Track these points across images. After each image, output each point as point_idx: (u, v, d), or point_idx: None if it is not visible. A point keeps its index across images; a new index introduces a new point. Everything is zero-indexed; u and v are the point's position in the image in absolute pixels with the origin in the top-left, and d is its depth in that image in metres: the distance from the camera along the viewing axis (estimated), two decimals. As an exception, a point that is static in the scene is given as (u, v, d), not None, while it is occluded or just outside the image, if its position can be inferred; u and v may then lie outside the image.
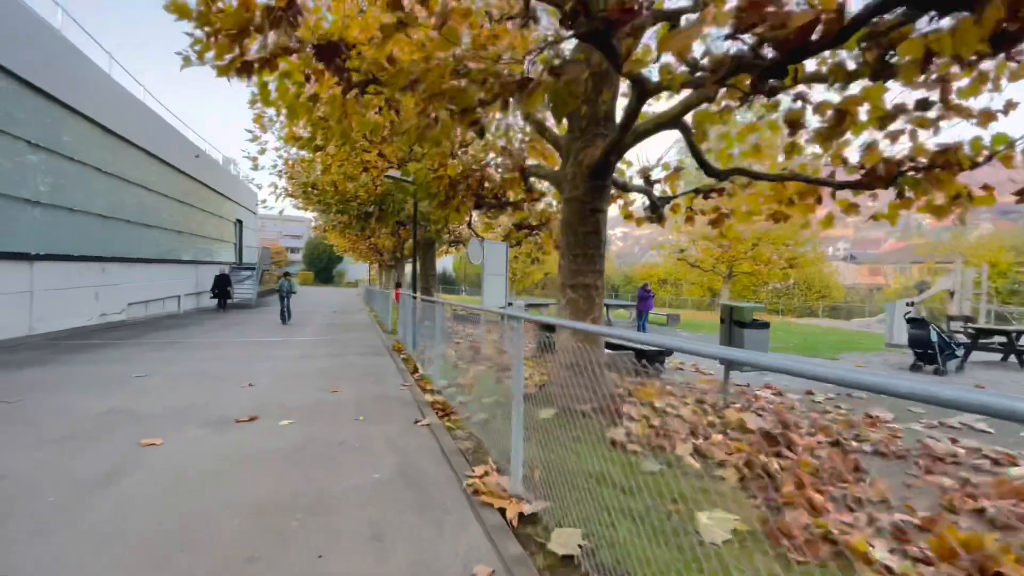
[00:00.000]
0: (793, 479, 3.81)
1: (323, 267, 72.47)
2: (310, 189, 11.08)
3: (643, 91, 4.03)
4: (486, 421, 4.71)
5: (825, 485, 3.92)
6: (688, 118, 4.98)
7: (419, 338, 9.32)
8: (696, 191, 7.53)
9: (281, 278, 15.19)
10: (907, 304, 15.30)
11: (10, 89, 10.01)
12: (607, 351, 8.80)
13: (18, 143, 10.25)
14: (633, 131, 4.70)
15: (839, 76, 3.66)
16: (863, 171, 5.22)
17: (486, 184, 8.16)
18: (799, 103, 4.08)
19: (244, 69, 5.76)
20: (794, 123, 3.84)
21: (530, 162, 7.64)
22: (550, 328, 10.23)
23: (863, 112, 3.95)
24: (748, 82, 3.14)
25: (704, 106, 4.85)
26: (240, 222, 28.70)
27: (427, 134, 5.92)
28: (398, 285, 13.86)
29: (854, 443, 5.27)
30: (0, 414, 4.79)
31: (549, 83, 2.83)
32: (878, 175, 4.99)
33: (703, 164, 5.41)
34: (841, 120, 3.66)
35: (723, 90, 4.54)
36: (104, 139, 13.49)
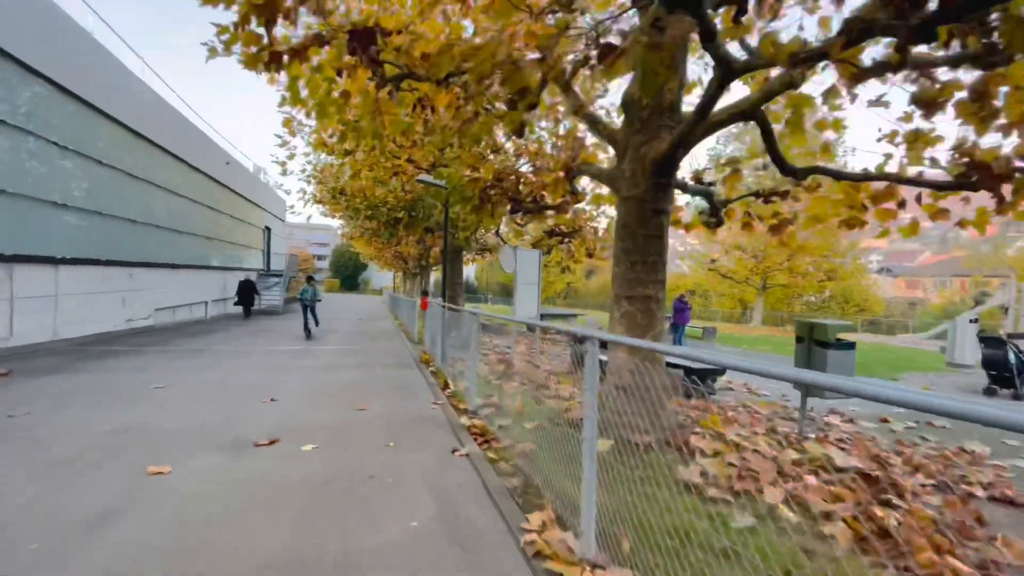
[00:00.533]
0: (920, 537, 3.10)
1: (349, 274, 73.13)
2: (339, 194, 10.73)
3: (727, 72, 3.42)
4: (533, 453, 4.11)
5: (954, 545, 3.20)
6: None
7: (447, 349, 8.79)
8: (756, 194, 6.84)
9: (304, 284, 13.43)
10: (970, 321, 14.16)
11: (42, 93, 9.94)
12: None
13: (50, 147, 10.17)
14: (706, 122, 4.08)
15: (975, 44, 2.99)
16: (971, 168, 4.48)
17: (522, 187, 7.63)
18: (919, 83, 3.41)
19: (273, 60, 5.37)
20: (930, 103, 3.17)
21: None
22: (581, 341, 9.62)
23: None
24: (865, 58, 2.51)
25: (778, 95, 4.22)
26: (268, 229, 28.87)
27: (466, 129, 5.42)
28: (424, 293, 13.40)
29: (964, 486, 4.50)
30: (1, 431, 4.39)
31: (640, 46, 2.25)
32: (993, 174, 4.26)
33: (779, 161, 4.75)
34: (982, 98, 2.99)
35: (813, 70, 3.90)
36: (135, 143, 13.46)
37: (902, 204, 5.82)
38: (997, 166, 4.24)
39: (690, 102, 5.38)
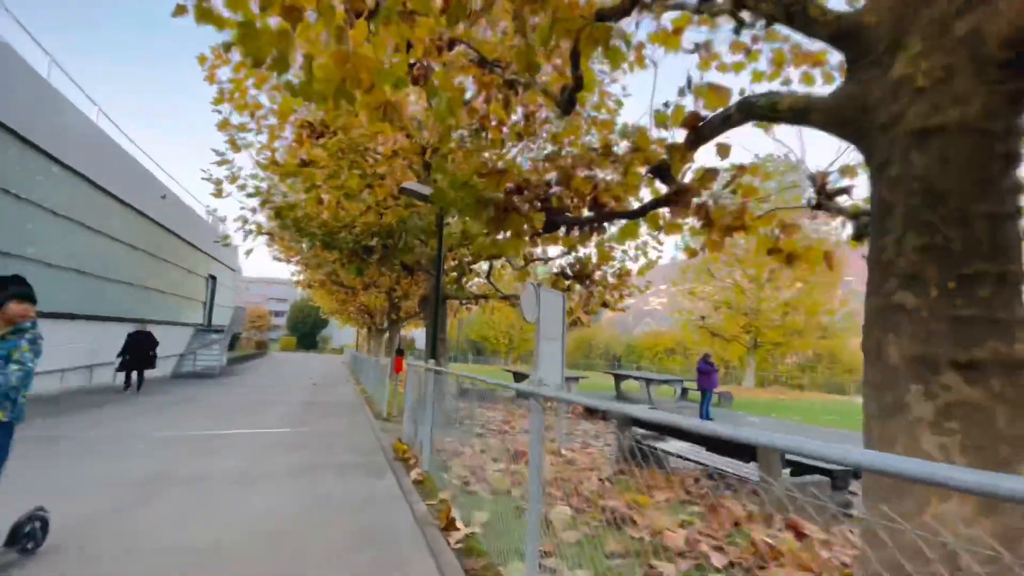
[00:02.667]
0: None
1: (307, 331, 68.18)
2: (287, 215, 7.90)
3: None
4: None
5: None
6: None
7: (437, 435, 5.75)
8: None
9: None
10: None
11: None
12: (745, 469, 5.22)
13: None
14: None
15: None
16: None
17: (559, 193, 4.99)
18: None
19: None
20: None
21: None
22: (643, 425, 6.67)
23: None
24: None
25: None
26: (214, 278, 25.25)
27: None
28: (400, 352, 10.29)
29: None
30: None
31: None
32: None
33: None
34: None
35: None
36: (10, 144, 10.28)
37: None
38: None
39: None
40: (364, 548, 3.42)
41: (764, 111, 2.59)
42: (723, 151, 4.09)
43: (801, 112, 2.45)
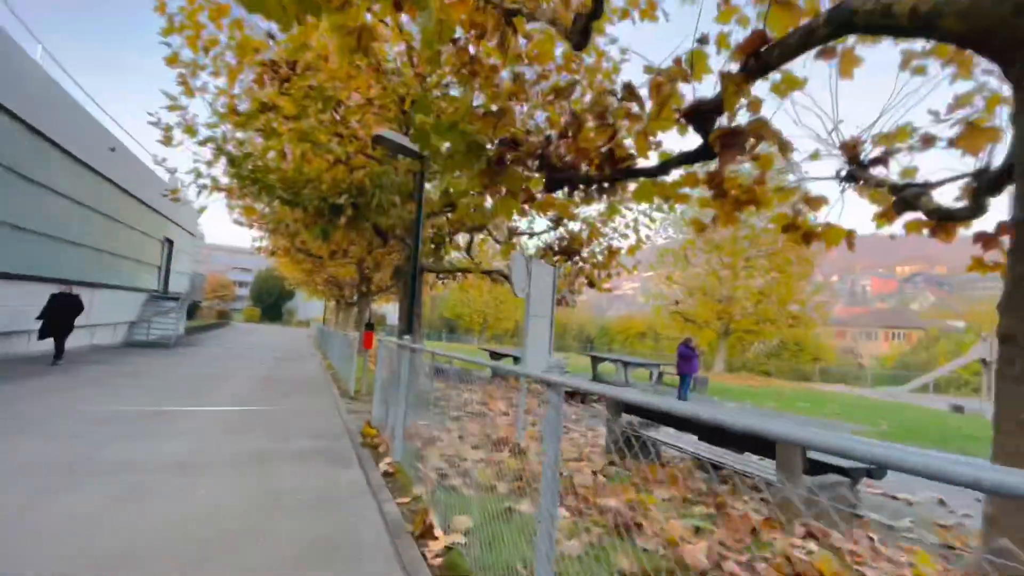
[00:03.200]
0: None
1: (272, 303, 65.91)
2: (242, 161, 6.91)
3: None
4: None
5: None
6: None
7: (411, 419, 5.11)
8: None
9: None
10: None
11: None
12: (750, 462, 4.76)
13: None
14: None
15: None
16: None
17: (562, 147, 4.31)
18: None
19: None
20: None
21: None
22: (635, 412, 6.13)
23: None
24: None
25: None
26: (170, 242, 23.64)
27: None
28: (369, 326, 9.51)
29: None
30: None
31: None
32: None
33: None
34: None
35: None
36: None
37: None
38: None
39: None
40: (319, 565, 2.76)
41: (871, 19, 1.95)
42: (755, 105, 3.48)
43: (927, 18, 1.82)
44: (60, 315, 10.15)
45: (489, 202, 8.50)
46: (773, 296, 29.94)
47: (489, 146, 4.06)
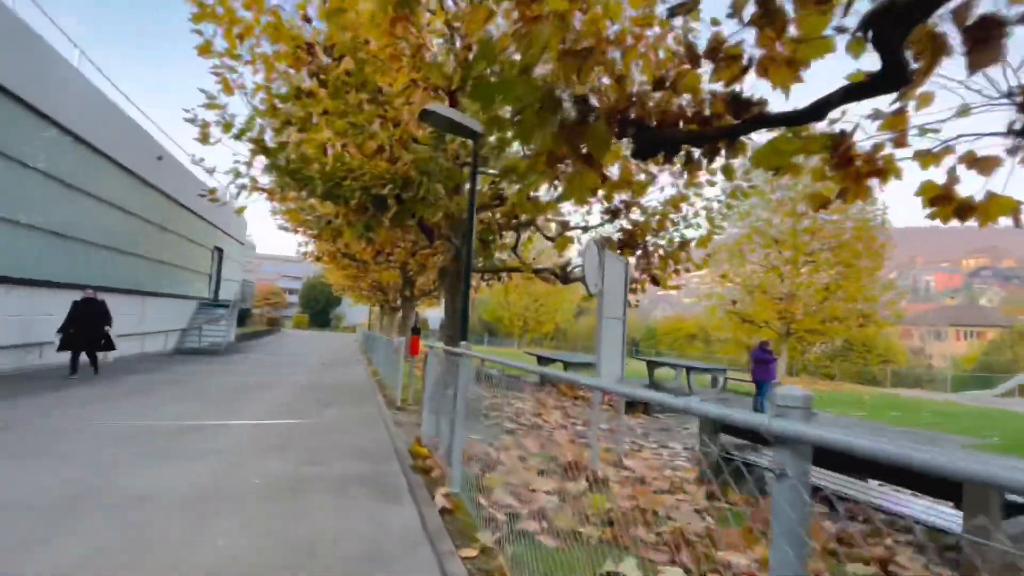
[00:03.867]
0: None
1: (320, 310, 67.30)
2: (277, 153, 6.33)
3: None
4: None
5: None
6: None
7: (466, 437, 4.27)
8: None
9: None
10: None
11: None
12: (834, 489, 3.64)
13: None
14: None
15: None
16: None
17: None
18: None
19: None
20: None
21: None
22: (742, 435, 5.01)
23: None
24: None
25: None
26: (220, 250, 23.98)
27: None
28: (416, 330, 8.79)
29: None
30: None
31: None
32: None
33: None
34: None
35: None
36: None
37: None
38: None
39: None
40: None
41: None
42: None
43: None
44: (84, 324, 9.35)
45: (543, 191, 7.62)
46: (839, 293, 27.62)
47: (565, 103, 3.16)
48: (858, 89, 2.57)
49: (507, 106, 3.50)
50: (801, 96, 4.22)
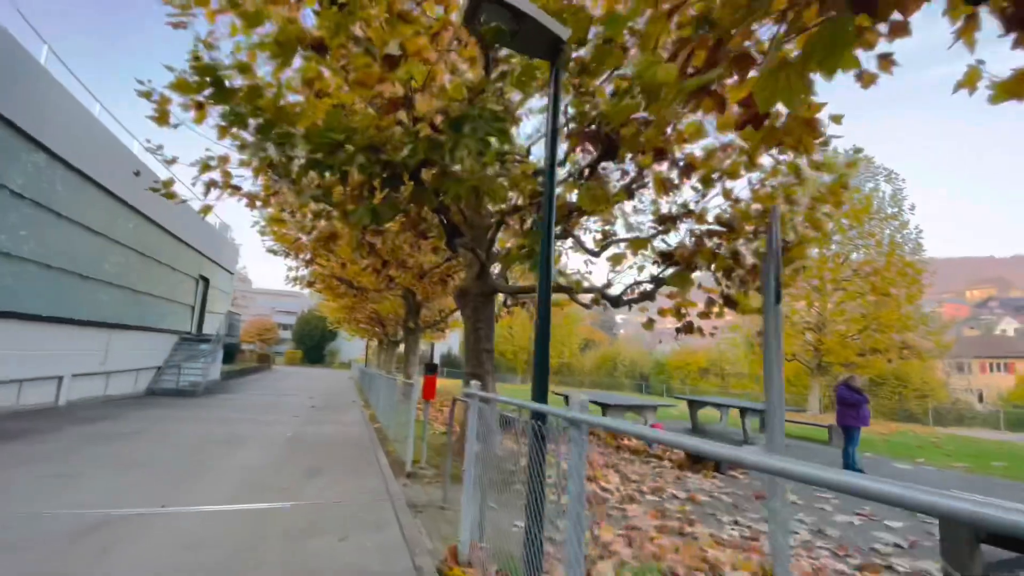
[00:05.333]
0: None
1: (314, 345, 64.57)
2: (241, 103, 4.48)
3: None
4: None
5: None
6: None
7: (499, 515, 2.17)
8: None
9: None
10: None
11: None
12: None
13: None
14: None
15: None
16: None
17: None
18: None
19: None
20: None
21: None
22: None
23: None
24: None
25: None
26: (206, 280, 21.94)
27: None
28: (431, 368, 6.72)
29: None
30: None
31: None
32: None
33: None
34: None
35: None
36: None
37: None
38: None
39: None
40: None
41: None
42: None
43: None
44: None
45: (610, 183, 5.71)
46: (874, 323, 25.60)
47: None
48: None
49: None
50: None
